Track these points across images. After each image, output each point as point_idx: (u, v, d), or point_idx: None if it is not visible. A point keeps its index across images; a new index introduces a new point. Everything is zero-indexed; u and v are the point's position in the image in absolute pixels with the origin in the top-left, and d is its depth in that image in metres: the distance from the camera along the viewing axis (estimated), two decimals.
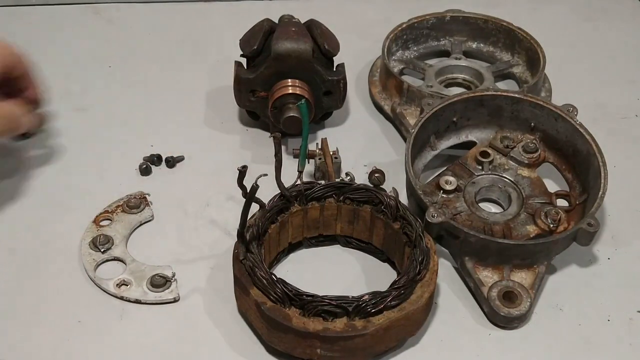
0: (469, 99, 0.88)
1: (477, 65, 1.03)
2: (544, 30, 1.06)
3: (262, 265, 0.70)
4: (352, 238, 0.81)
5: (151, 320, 0.74)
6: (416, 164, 0.87)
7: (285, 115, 0.87)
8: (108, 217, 0.82)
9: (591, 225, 0.75)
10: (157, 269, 0.77)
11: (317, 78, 0.89)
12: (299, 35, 0.88)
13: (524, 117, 0.88)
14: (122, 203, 0.84)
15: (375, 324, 0.67)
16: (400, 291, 0.69)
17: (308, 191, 0.77)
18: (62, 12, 1.15)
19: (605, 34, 1.15)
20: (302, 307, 0.68)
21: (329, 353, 0.68)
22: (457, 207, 0.82)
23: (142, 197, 0.84)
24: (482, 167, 0.86)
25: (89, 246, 0.79)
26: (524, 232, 0.80)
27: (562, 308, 0.77)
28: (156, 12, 1.16)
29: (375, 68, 1.03)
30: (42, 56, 1.07)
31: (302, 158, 0.78)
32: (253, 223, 0.73)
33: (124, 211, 0.83)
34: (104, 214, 0.83)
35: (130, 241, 0.81)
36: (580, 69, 1.08)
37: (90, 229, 0.81)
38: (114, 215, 0.83)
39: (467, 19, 1.06)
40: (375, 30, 1.08)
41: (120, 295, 0.75)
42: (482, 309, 0.76)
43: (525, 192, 0.84)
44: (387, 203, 0.76)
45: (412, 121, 0.92)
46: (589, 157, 0.83)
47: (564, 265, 0.81)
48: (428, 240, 0.74)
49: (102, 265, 0.78)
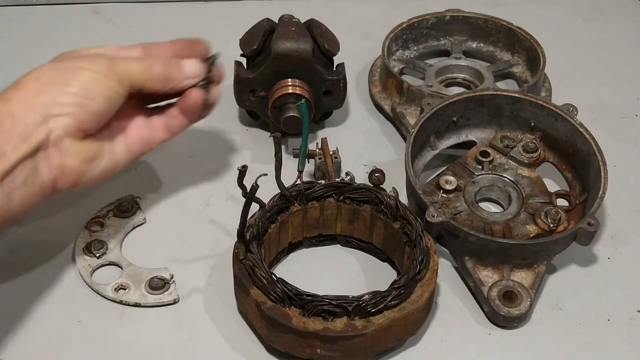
0: (469, 99, 0.88)
1: (477, 65, 1.03)
2: (544, 30, 1.06)
3: (262, 265, 0.70)
4: (352, 238, 0.81)
5: (151, 322, 0.74)
6: (416, 163, 0.87)
7: (285, 115, 0.87)
8: (100, 221, 0.82)
9: (591, 225, 0.75)
10: (154, 271, 0.77)
11: (317, 78, 0.89)
12: (299, 35, 0.88)
13: (524, 117, 0.88)
14: (112, 207, 0.83)
15: (375, 324, 0.67)
16: (400, 291, 0.69)
17: (308, 191, 0.77)
18: (62, 12, 1.15)
19: (605, 34, 1.15)
20: (302, 307, 0.68)
21: (329, 353, 0.68)
22: (457, 206, 0.82)
23: (132, 201, 0.84)
24: (482, 166, 0.86)
25: (83, 252, 0.79)
26: (524, 231, 0.80)
27: (562, 308, 0.77)
28: (156, 12, 1.16)
29: (375, 68, 1.03)
30: (42, 56, 1.07)
31: (302, 158, 0.78)
32: (253, 223, 0.73)
33: (116, 215, 0.83)
34: (95, 219, 0.82)
35: (124, 245, 0.81)
36: (580, 69, 1.08)
37: (83, 235, 0.81)
38: (106, 219, 0.82)
39: (467, 18, 1.06)
40: (375, 30, 1.08)
41: (119, 299, 0.75)
42: (482, 309, 0.76)
43: (525, 192, 0.84)
44: (387, 203, 0.76)
45: (412, 121, 0.92)
46: (589, 157, 0.83)
47: (564, 265, 0.81)
48: (428, 239, 0.74)
49: (98, 271, 0.78)
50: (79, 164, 0.68)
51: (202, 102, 0.76)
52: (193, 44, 0.78)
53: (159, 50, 0.77)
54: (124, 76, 0.70)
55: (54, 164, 0.66)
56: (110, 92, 0.69)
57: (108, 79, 0.69)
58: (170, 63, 0.74)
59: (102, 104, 0.68)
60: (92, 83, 0.68)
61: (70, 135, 0.67)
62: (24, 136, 0.64)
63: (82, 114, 0.67)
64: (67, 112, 0.66)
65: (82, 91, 0.67)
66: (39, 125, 0.65)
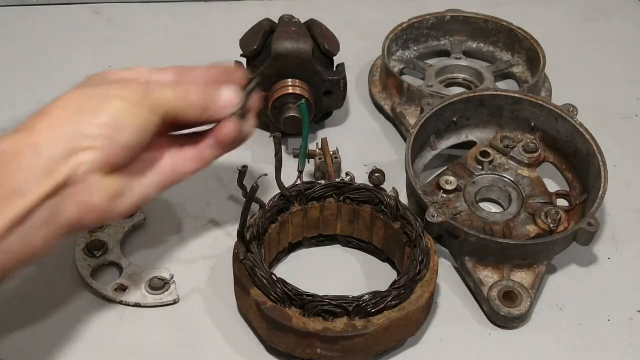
0: (469, 99, 0.88)
1: (477, 65, 1.03)
2: (544, 30, 1.06)
3: (262, 265, 0.70)
4: (352, 238, 0.81)
5: (151, 322, 0.74)
6: (416, 163, 0.87)
7: (285, 115, 0.87)
8: None
9: (591, 225, 0.75)
10: (154, 271, 0.77)
11: (317, 78, 0.89)
12: (299, 35, 0.88)
13: (524, 117, 0.88)
14: None
15: (375, 324, 0.67)
16: (400, 291, 0.69)
17: (308, 191, 0.77)
18: (62, 12, 1.15)
19: (605, 34, 1.15)
20: (302, 307, 0.68)
21: (329, 353, 0.68)
22: (457, 206, 0.82)
23: None
24: (482, 166, 0.86)
25: (83, 252, 0.79)
26: (524, 231, 0.80)
27: (562, 308, 0.77)
28: (156, 12, 1.16)
29: (375, 68, 1.03)
30: (41, 56, 1.07)
31: (302, 158, 0.78)
32: (253, 223, 0.73)
33: None
34: None
35: (124, 245, 0.81)
36: (580, 69, 1.08)
37: (83, 235, 0.80)
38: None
39: (467, 18, 1.06)
40: (375, 30, 1.08)
41: (119, 299, 0.75)
42: (482, 309, 0.76)
43: (525, 192, 0.84)
44: (387, 203, 0.76)
45: (412, 121, 0.92)
46: (589, 157, 0.83)
47: (564, 265, 0.81)
48: (428, 239, 0.74)
49: (98, 270, 0.78)
50: (106, 202, 0.62)
51: (238, 133, 0.70)
52: (230, 71, 0.73)
53: (194, 76, 0.71)
54: (159, 105, 0.64)
55: (79, 201, 0.61)
56: (143, 123, 0.63)
57: (141, 109, 0.63)
58: (207, 91, 0.68)
59: (134, 135, 0.62)
60: (124, 113, 0.62)
61: (98, 170, 0.61)
62: (47, 171, 0.58)
63: (112, 147, 0.61)
64: (95, 145, 0.60)
65: (112, 121, 0.61)
66: (65, 159, 0.59)
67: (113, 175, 0.63)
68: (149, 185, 0.67)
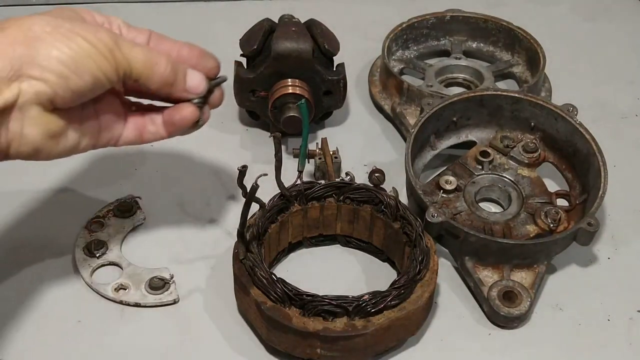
0: (469, 99, 0.88)
1: (477, 65, 1.03)
2: (544, 30, 1.06)
3: (262, 265, 0.70)
4: (352, 238, 0.81)
5: (151, 322, 0.74)
6: (416, 163, 0.87)
7: (285, 115, 0.87)
8: (100, 221, 0.82)
9: (591, 225, 0.75)
10: (154, 271, 0.77)
11: (317, 78, 0.89)
12: (299, 35, 0.88)
13: (524, 117, 0.88)
14: (112, 207, 0.83)
15: (375, 324, 0.67)
16: (400, 291, 0.69)
17: (308, 191, 0.77)
18: None
19: (605, 34, 1.15)
20: (302, 307, 0.68)
21: (329, 353, 0.68)
22: (457, 206, 0.82)
23: (132, 201, 0.84)
24: (482, 166, 0.86)
25: (83, 252, 0.79)
26: (524, 231, 0.80)
27: (562, 308, 0.77)
28: (156, 12, 1.16)
29: (375, 68, 1.03)
30: None
31: (302, 158, 0.78)
32: (253, 223, 0.73)
33: (116, 215, 0.83)
34: (95, 219, 0.82)
35: (124, 245, 0.81)
36: (580, 69, 1.08)
37: (83, 235, 0.80)
38: (106, 219, 0.82)
39: (467, 18, 1.06)
40: (375, 30, 1.08)
41: (119, 299, 0.75)
42: (482, 309, 0.76)
43: (525, 192, 0.84)
44: (387, 203, 0.76)
45: (412, 121, 0.92)
46: (589, 157, 0.83)
47: (564, 265, 0.81)
48: (428, 239, 0.74)
49: (98, 271, 0.78)
50: (40, 138, 0.59)
51: (193, 120, 0.68)
52: (205, 57, 0.70)
53: (167, 46, 0.68)
54: (123, 63, 0.61)
55: (12, 130, 0.57)
56: (101, 74, 0.60)
57: (105, 60, 0.59)
58: (177, 67, 0.66)
59: (88, 83, 0.59)
60: (86, 58, 0.58)
61: (40, 104, 0.58)
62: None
63: (62, 88, 0.58)
64: (46, 78, 0.57)
65: (71, 61, 0.58)
66: (7, 82, 0.56)
67: (54, 114, 0.60)
68: (83, 137, 0.64)
